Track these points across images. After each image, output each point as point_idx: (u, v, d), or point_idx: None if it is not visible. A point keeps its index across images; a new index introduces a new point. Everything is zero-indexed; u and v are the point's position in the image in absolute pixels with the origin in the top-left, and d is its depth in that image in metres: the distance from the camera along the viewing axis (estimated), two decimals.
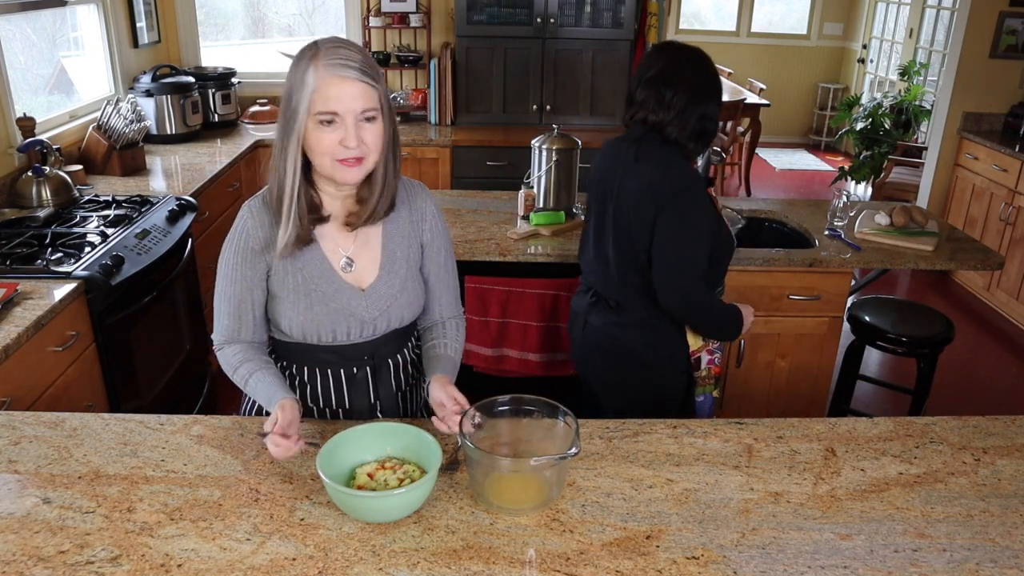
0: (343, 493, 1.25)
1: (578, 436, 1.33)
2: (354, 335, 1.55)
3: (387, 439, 1.41)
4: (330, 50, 1.35)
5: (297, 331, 1.52)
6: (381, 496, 1.27)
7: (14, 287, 2.12)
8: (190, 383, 2.99)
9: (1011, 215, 4.42)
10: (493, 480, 1.33)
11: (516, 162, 4.03)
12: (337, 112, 1.34)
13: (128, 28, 4.00)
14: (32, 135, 3.01)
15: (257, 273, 1.50)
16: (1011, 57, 4.75)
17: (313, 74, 1.33)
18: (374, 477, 1.36)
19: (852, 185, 6.99)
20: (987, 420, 1.63)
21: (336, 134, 1.36)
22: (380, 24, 4.43)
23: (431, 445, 1.35)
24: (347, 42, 1.39)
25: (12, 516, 1.27)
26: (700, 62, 1.91)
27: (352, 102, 1.34)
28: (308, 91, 1.33)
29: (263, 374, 1.50)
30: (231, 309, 1.52)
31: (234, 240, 1.50)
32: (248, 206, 1.50)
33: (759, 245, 3.01)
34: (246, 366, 1.52)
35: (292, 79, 1.36)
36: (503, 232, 2.77)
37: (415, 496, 1.28)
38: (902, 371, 3.82)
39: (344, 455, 1.37)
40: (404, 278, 1.57)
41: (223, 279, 1.52)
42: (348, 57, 1.34)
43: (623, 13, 4.24)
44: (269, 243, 1.48)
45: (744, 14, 8.38)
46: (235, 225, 1.50)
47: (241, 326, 1.53)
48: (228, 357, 1.54)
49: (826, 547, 1.26)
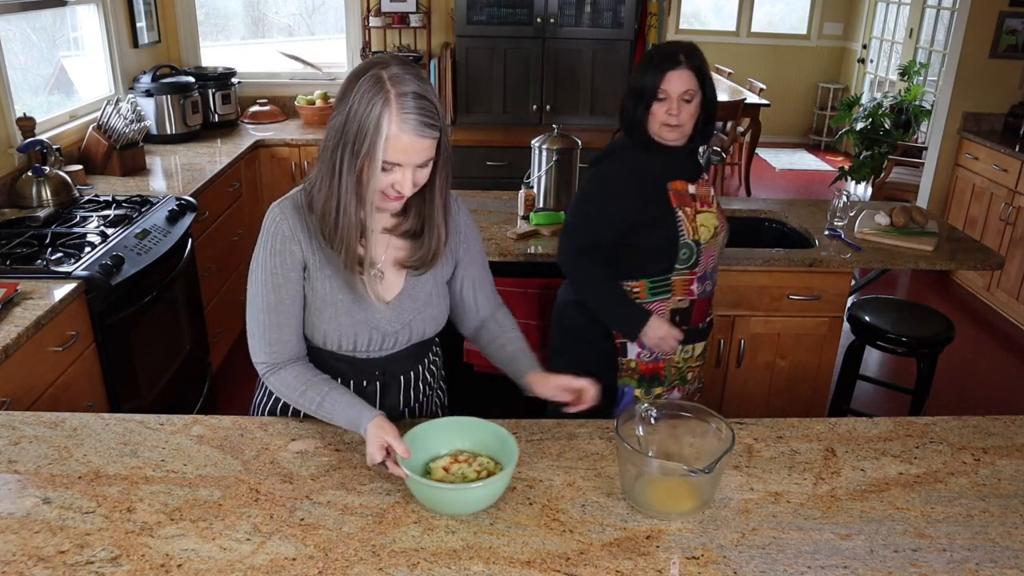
0: (431, 488, 1.29)
1: (733, 443, 1.33)
2: (374, 346, 1.53)
3: (458, 433, 1.44)
4: (407, 98, 1.29)
5: (319, 337, 1.50)
6: (464, 488, 1.30)
7: (14, 287, 2.12)
8: (190, 383, 2.99)
9: (1011, 215, 4.42)
10: (644, 482, 1.33)
11: (516, 162, 4.02)
12: (402, 163, 1.33)
13: (128, 28, 4.00)
14: (32, 135, 3.01)
15: (297, 275, 1.46)
16: (1011, 57, 4.75)
17: (388, 122, 1.29)
18: (450, 471, 1.38)
19: (852, 185, 6.99)
20: (987, 420, 1.63)
21: (393, 176, 1.34)
22: (380, 24, 4.43)
23: (507, 439, 1.38)
24: (419, 78, 1.33)
25: (12, 516, 1.27)
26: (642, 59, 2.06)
27: (418, 156, 1.33)
28: (382, 137, 1.29)
29: (337, 395, 1.46)
30: (274, 321, 1.46)
31: (269, 244, 1.44)
32: (279, 208, 1.45)
33: (759, 245, 3.01)
34: (313, 389, 1.47)
35: (361, 111, 1.30)
36: (503, 232, 2.77)
37: (499, 487, 1.31)
38: (902, 371, 3.82)
39: (416, 450, 1.38)
40: (430, 293, 1.55)
41: (261, 288, 1.46)
42: (426, 111, 1.31)
43: (623, 13, 4.24)
44: (305, 247, 1.44)
45: (744, 14, 8.38)
46: (267, 229, 1.45)
47: (287, 340, 1.48)
48: (287, 381, 1.49)
49: (826, 547, 1.26)
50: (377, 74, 1.30)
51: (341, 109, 1.32)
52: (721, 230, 2.10)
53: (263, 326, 1.47)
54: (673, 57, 1.91)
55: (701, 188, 2.08)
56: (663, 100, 1.92)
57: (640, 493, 1.32)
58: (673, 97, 1.91)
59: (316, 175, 1.40)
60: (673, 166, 2.03)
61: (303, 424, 1.56)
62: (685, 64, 1.90)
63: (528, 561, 1.21)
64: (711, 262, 2.10)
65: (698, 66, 1.93)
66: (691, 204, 2.03)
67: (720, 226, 2.09)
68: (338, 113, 1.33)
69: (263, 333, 1.48)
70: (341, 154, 1.33)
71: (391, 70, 1.31)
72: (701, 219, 2.04)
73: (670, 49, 1.93)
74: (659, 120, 1.94)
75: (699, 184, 2.08)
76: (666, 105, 1.92)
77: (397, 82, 1.30)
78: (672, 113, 1.91)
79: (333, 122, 1.34)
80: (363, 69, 1.33)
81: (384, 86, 1.29)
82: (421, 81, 1.33)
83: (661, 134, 1.96)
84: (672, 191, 2.02)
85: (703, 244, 2.03)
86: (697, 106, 1.95)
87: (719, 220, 2.09)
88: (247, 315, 1.49)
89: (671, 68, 1.91)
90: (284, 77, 4.76)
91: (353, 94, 1.31)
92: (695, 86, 1.92)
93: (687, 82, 1.91)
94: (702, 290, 2.09)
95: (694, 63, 1.92)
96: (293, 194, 1.47)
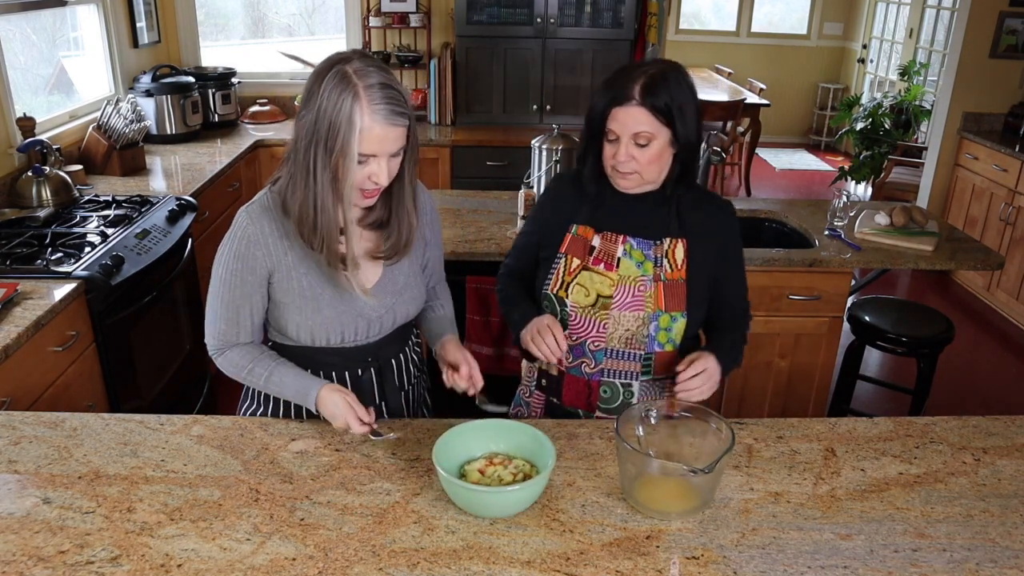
0: (467, 489, 1.29)
1: (733, 443, 1.33)
2: (361, 335, 1.55)
3: (493, 435, 1.44)
4: (374, 89, 1.31)
5: (305, 335, 1.52)
6: (499, 491, 1.30)
7: (14, 287, 2.12)
8: (190, 383, 2.99)
9: (1011, 215, 4.42)
10: (643, 482, 1.33)
11: (516, 162, 4.02)
12: (377, 154, 1.35)
13: (128, 28, 4.00)
14: (32, 135, 3.01)
15: (258, 279, 1.49)
16: (1011, 57, 4.75)
17: (360, 115, 1.30)
18: (485, 473, 1.38)
19: (852, 185, 6.99)
20: (987, 420, 1.63)
21: (368, 169, 1.36)
22: (380, 24, 4.43)
23: (543, 441, 1.38)
24: (381, 69, 1.36)
25: (12, 516, 1.27)
26: None
27: (392, 144, 1.36)
28: (355, 130, 1.31)
29: (283, 368, 1.52)
30: (229, 314, 1.51)
31: (233, 246, 1.47)
32: (247, 212, 1.47)
33: (759, 245, 3.01)
34: (260, 364, 1.52)
35: (330, 108, 1.30)
36: (503, 232, 2.78)
37: (536, 490, 1.31)
38: (902, 371, 3.82)
39: (451, 452, 1.38)
40: (408, 276, 1.59)
41: (221, 285, 1.49)
42: (394, 99, 1.33)
43: (623, 13, 4.24)
44: (270, 250, 1.46)
45: (744, 14, 8.38)
46: (233, 232, 1.47)
47: (240, 331, 1.52)
48: (234, 360, 1.53)
49: (826, 547, 1.26)
50: (341, 70, 1.32)
51: (309, 108, 1.33)
52: (623, 303, 1.58)
53: (216, 315, 1.52)
54: (624, 89, 1.48)
55: (609, 243, 1.61)
56: (612, 141, 1.52)
57: (640, 493, 1.32)
58: (623, 138, 1.50)
59: (287, 177, 1.42)
60: (622, 212, 1.62)
61: (303, 424, 1.56)
62: (638, 102, 1.47)
63: (528, 561, 1.21)
64: (595, 336, 1.61)
65: (660, 104, 1.47)
66: (582, 256, 1.62)
67: (624, 296, 1.58)
68: (306, 113, 1.34)
69: (215, 321, 1.52)
70: (314, 153, 1.34)
71: (354, 64, 1.33)
72: (584, 277, 1.60)
73: (628, 76, 1.50)
74: (608, 162, 1.56)
75: (619, 239, 1.61)
76: (615, 147, 1.52)
77: (363, 75, 1.31)
78: (621, 160, 1.51)
79: (302, 122, 1.35)
80: (326, 67, 1.34)
81: (351, 80, 1.31)
82: (385, 71, 1.35)
83: (613, 178, 1.58)
84: (571, 233, 1.65)
85: (573, 307, 1.61)
86: (662, 150, 1.51)
87: (628, 292, 1.58)
88: (207, 302, 1.54)
89: (618, 103, 1.49)
90: (284, 77, 4.76)
91: (320, 92, 1.31)
92: (652, 129, 1.48)
93: (641, 123, 1.48)
94: (575, 365, 1.65)
95: (655, 100, 1.47)
96: (260, 197, 1.49)
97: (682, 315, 1.59)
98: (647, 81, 1.47)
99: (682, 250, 1.60)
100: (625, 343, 1.60)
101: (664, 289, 1.58)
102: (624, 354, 1.61)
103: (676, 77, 1.50)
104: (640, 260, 1.60)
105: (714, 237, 1.63)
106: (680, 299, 1.59)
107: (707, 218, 1.63)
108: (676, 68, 1.53)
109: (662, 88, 1.47)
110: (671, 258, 1.60)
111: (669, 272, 1.59)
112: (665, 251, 1.60)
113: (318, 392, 1.47)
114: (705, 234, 1.62)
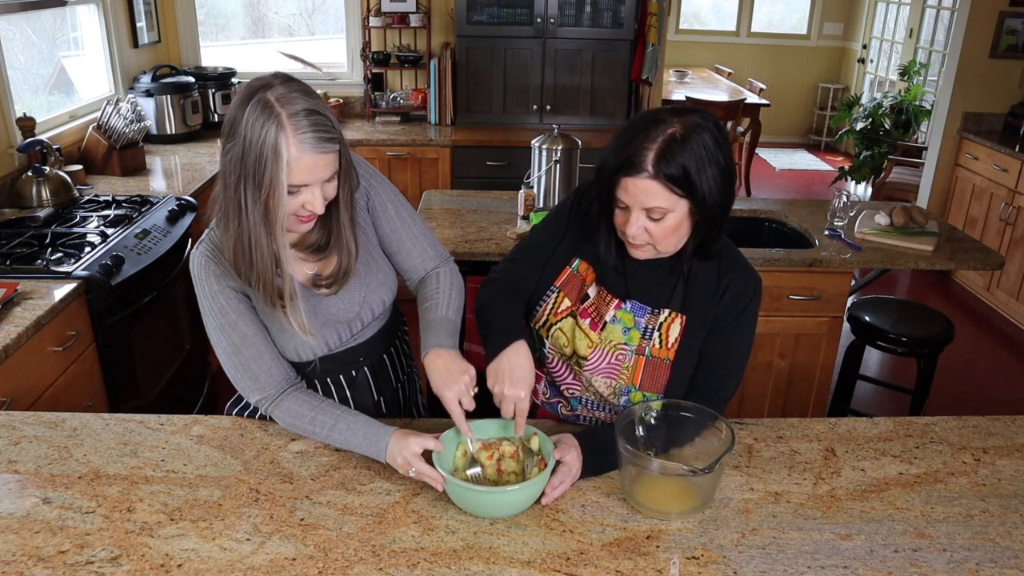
0: (467, 490, 1.28)
1: (733, 443, 1.32)
2: (344, 337, 1.53)
3: (491, 436, 1.43)
4: (299, 117, 1.24)
5: (292, 354, 1.50)
6: (499, 492, 1.29)
7: (14, 287, 2.12)
8: (190, 383, 3.00)
9: (1011, 215, 4.42)
10: (643, 482, 1.33)
11: (516, 162, 4.02)
12: (308, 183, 1.29)
13: (128, 28, 4.00)
14: (32, 135, 3.01)
15: (246, 306, 1.43)
16: (1011, 57, 4.75)
17: (286, 147, 1.23)
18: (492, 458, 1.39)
19: (852, 185, 6.99)
20: (987, 420, 1.63)
21: (301, 198, 1.30)
22: (380, 24, 4.43)
23: (544, 442, 1.37)
24: (305, 93, 1.28)
25: (12, 516, 1.27)
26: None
27: (323, 172, 1.29)
28: (283, 162, 1.24)
29: (346, 416, 1.42)
30: (247, 357, 1.43)
31: (207, 288, 1.41)
32: (201, 252, 1.41)
33: (759, 245, 3.01)
34: (323, 415, 1.42)
35: (255, 140, 1.23)
36: (503, 232, 2.77)
37: (536, 490, 1.30)
38: (902, 371, 3.82)
39: (451, 452, 1.38)
40: (366, 261, 1.52)
41: (219, 333, 1.43)
42: (321, 125, 1.26)
43: (623, 13, 4.24)
44: (238, 280, 1.40)
45: (744, 14, 8.38)
46: (198, 276, 1.41)
47: (269, 368, 1.45)
48: (292, 409, 1.44)
49: (826, 547, 1.26)
50: (263, 98, 1.24)
51: (235, 141, 1.26)
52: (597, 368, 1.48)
53: (240, 368, 1.44)
54: (635, 156, 1.27)
55: (602, 301, 1.48)
56: (623, 208, 1.35)
57: (640, 493, 1.32)
58: (634, 210, 1.32)
59: (219, 215, 1.34)
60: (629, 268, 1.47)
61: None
62: (651, 174, 1.27)
63: (528, 561, 1.21)
64: (570, 384, 1.55)
65: (675, 173, 1.26)
66: (574, 300, 1.50)
67: (599, 362, 1.48)
68: (232, 146, 1.27)
69: (244, 373, 1.45)
70: (244, 188, 1.27)
71: (276, 91, 1.25)
72: (567, 325, 1.50)
73: (643, 139, 1.28)
74: (619, 229, 1.39)
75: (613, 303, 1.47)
76: (626, 215, 1.34)
77: (286, 102, 1.24)
78: (632, 232, 1.34)
79: (228, 156, 1.28)
80: (247, 96, 1.26)
81: (274, 109, 1.23)
82: (309, 96, 1.28)
83: (625, 244, 1.41)
84: (570, 267, 1.52)
85: (551, 350, 1.54)
86: (680, 222, 1.33)
87: (605, 359, 1.47)
88: (222, 364, 1.46)
89: (627, 174, 1.29)
90: None
91: (243, 124, 1.24)
92: (667, 204, 1.29)
93: (654, 197, 1.29)
94: (552, 403, 1.62)
95: (669, 170, 1.26)
96: (209, 234, 1.43)
97: (657, 397, 1.46)
98: (661, 148, 1.26)
99: (678, 328, 1.45)
100: (600, 398, 1.54)
101: (645, 366, 1.45)
102: (599, 406, 1.56)
103: (698, 138, 1.27)
104: (628, 326, 1.46)
105: (720, 318, 1.45)
106: (660, 381, 1.46)
107: (721, 293, 1.45)
108: (698, 128, 1.28)
109: (679, 154, 1.26)
110: (663, 333, 1.45)
111: (656, 348, 1.45)
112: (659, 323, 1.45)
113: (389, 439, 1.37)
114: (710, 311, 1.45)
